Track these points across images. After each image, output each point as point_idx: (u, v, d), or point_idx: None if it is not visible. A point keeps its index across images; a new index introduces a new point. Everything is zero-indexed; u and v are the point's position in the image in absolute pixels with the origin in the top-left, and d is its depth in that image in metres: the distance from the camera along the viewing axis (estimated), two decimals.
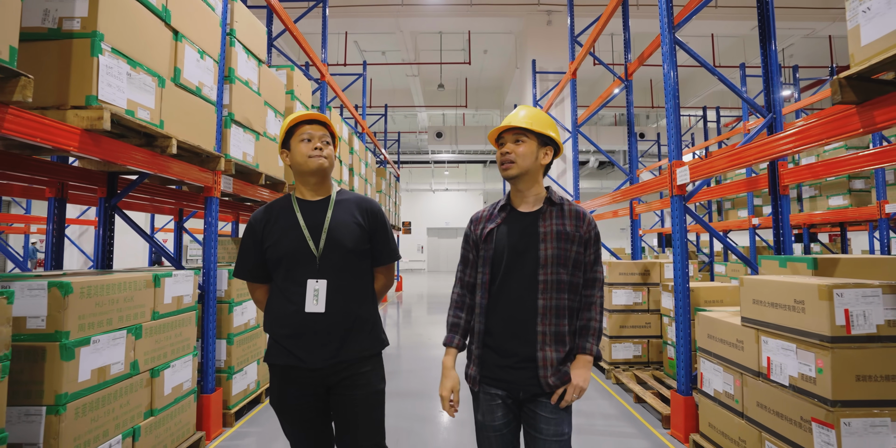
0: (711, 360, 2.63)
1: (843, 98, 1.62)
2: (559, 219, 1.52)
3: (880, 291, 1.81)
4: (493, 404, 1.49)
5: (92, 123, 1.94)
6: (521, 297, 1.47)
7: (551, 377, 1.44)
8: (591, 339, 1.50)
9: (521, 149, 1.51)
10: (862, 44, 1.56)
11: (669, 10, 3.11)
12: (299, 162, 1.61)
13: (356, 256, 1.62)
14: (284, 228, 1.60)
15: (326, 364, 1.53)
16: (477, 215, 1.63)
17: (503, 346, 1.48)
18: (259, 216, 1.65)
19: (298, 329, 1.53)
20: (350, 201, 1.68)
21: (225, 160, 3.06)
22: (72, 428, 1.84)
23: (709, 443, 2.62)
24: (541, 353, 1.45)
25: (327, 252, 1.57)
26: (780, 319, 2.07)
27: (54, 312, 1.83)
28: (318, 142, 1.61)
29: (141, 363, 2.29)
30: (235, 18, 3.28)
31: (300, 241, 1.57)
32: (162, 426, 2.43)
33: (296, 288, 1.55)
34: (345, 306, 1.56)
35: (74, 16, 1.99)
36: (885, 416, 1.77)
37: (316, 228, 1.59)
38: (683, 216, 2.99)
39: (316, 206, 1.65)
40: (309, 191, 1.67)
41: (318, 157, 1.60)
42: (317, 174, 1.62)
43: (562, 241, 1.49)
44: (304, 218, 1.61)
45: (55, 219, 3.10)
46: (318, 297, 1.54)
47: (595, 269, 1.55)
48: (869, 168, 2.60)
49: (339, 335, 1.55)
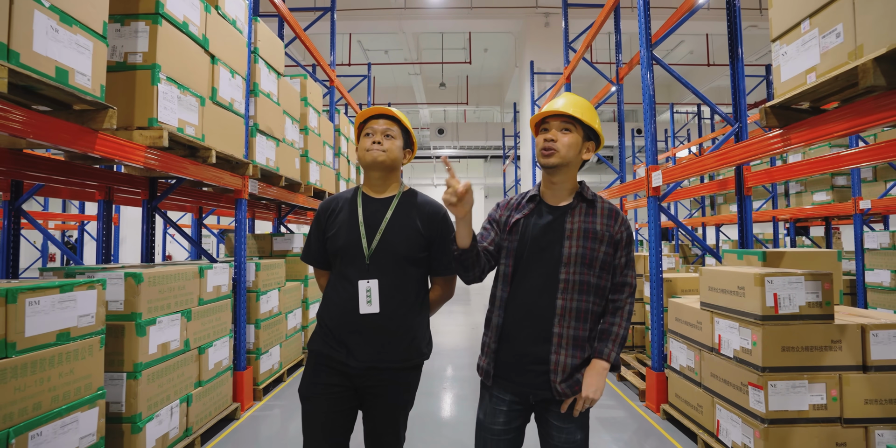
0: (678, 340, 3.04)
1: (767, 123, 2.01)
2: (589, 216, 1.44)
3: (803, 279, 2.21)
4: (498, 409, 1.44)
5: (154, 141, 2.34)
6: (541, 295, 1.41)
7: (562, 383, 1.36)
8: (610, 345, 1.40)
9: (567, 138, 1.42)
10: (782, 80, 1.94)
11: (647, 29, 3.48)
12: (359, 156, 1.60)
13: (409, 263, 1.55)
14: (344, 221, 1.57)
15: (363, 366, 1.49)
16: (504, 201, 1.58)
17: (518, 344, 1.42)
18: (326, 204, 1.65)
19: (346, 326, 1.51)
20: (416, 204, 1.61)
21: (252, 166, 3.46)
22: (145, 391, 2.27)
23: (675, 410, 3.04)
24: (554, 357, 1.37)
25: (378, 253, 1.52)
26: (728, 303, 2.48)
27: (130, 297, 2.25)
28: (378, 136, 1.56)
29: (191, 341, 2.71)
30: (258, 37, 3.67)
31: (355, 237, 1.54)
32: (207, 395, 2.86)
33: (347, 285, 1.52)
34: (397, 311, 1.51)
35: (137, 51, 2.38)
36: (803, 378, 2.18)
37: (372, 227, 1.55)
38: (658, 214, 3.39)
39: (378, 203, 1.60)
40: (373, 187, 1.63)
41: (373, 150, 1.55)
42: (374, 168, 1.58)
43: (589, 239, 1.41)
44: (364, 214, 1.57)
45: (104, 218, 3.51)
46: (370, 298, 1.49)
47: (626, 272, 1.45)
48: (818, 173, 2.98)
49: (383, 339, 1.50)
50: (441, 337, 6.00)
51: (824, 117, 1.81)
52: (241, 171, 3.37)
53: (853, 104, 1.67)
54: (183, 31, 2.57)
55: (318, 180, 5.11)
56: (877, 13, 1.47)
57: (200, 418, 2.78)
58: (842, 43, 1.61)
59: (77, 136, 1.91)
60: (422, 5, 9.31)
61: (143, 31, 2.36)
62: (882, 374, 2.17)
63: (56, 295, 1.76)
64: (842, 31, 1.61)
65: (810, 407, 2.18)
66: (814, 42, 1.74)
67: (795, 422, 2.18)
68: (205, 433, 2.89)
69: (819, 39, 1.72)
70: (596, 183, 20.10)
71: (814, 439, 2.18)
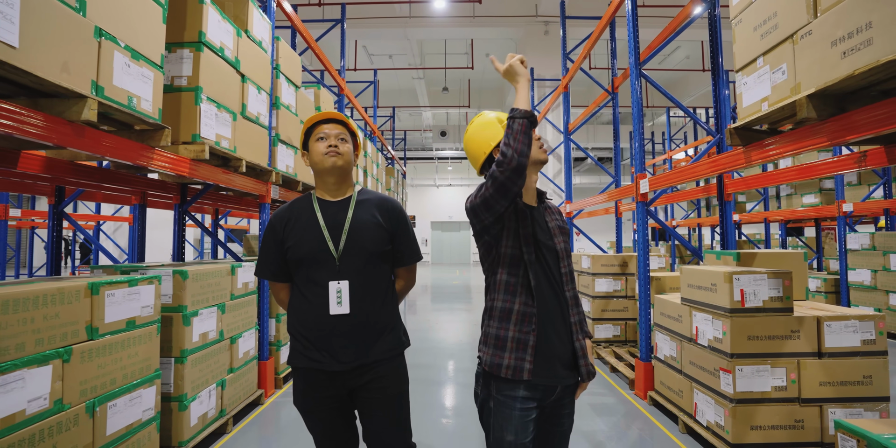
0: (663, 332, 3.35)
1: (732, 142, 2.33)
2: (553, 214, 1.57)
3: (766, 276, 2.53)
4: (528, 420, 1.37)
5: (197, 154, 2.66)
6: (556, 288, 1.45)
7: (584, 368, 1.43)
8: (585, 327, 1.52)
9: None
10: (743, 105, 2.26)
11: (636, 48, 3.80)
12: (315, 161, 1.59)
13: (377, 257, 1.58)
14: (304, 228, 1.56)
15: (349, 367, 1.50)
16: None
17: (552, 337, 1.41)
18: (280, 215, 1.62)
19: (322, 331, 1.51)
20: (371, 201, 1.65)
21: (274, 173, 3.78)
22: (189, 374, 2.59)
23: (660, 396, 3.36)
24: (578, 343, 1.44)
25: (347, 253, 1.54)
26: (703, 298, 2.80)
27: (177, 292, 2.57)
28: (333, 140, 1.58)
29: (225, 332, 3.03)
30: (280, 55, 3.99)
31: (320, 241, 1.54)
32: (238, 381, 3.18)
33: (318, 289, 1.52)
34: (368, 308, 1.54)
35: (182, 75, 2.69)
36: (766, 364, 2.49)
37: (336, 229, 1.56)
38: (645, 218, 3.70)
39: (336, 206, 1.61)
40: (328, 191, 1.63)
41: (332, 154, 1.56)
42: (333, 173, 1.59)
43: (563, 234, 1.54)
44: (325, 218, 1.57)
45: (139, 221, 3.83)
46: (341, 299, 1.50)
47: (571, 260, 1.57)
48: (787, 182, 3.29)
49: (362, 337, 1.53)
50: (442, 334, 6.32)
51: (774, 140, 2.13)
52: (265, 178, 3.69)
53: (793, 131, 1.99)
54: (220, 55, 2.89)
55: None
56: (810, 59, 1.79)
57: (232, 401, 3.10)
58: (786, 79, 1.93)
59: (139, 153, 2.23)
60: (427, 14, 9.63)
61: (187, 57, 2.68)
62: (834, 360, 2.49)
63: (126, 288, 2.09)
64: (786, 69, 1.93)
65: (772, 388, 2.50)
66: (766, 76, 2.06)
67: (760, 401, 2.50)
68: (236, 415, 3.20)
69: (770, 74, 2.03)
70: (595, 184, 20.41)
71: (775, 417, 2.49)
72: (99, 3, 1.86)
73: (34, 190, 3.69)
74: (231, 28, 3.04)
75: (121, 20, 1.99)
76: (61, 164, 2.70)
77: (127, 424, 2.06)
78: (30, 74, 1.56)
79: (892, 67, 1.48)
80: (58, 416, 1.70)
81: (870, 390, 2.47)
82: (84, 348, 1.83)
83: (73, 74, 1.74)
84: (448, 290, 11.51)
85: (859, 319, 2.51)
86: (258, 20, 3.51)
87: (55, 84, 1.66)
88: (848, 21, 1.61)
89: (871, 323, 2.50)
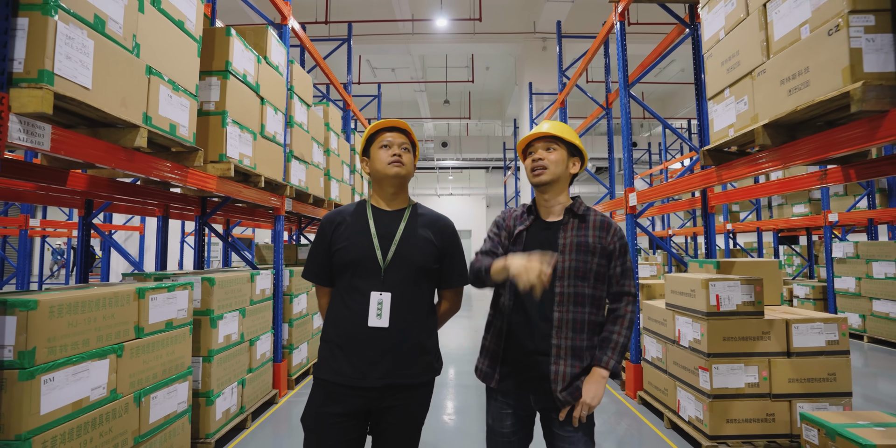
0: (650, 336, 3.60)
1: (705, 162, 2.61)
2: (581, 230, 1.50)
3: (739, 283, 2.79)
4: (504, 413, 1.50)
5: (223, 172, 2.94)
6: (540, 309, 1.46)
7: (562, 392, 1.40)
8: (609, 353, 1.43)
9: (553, 155, 1.52)
10: (714, 130, 2.54)
11: (625, 72, 4.09)
12: (378, 169, 1.56)
13: (423, 274, 1.53)
14: (354, 233, 1.53)
15: (378, 384, 1.43)
16: (508, 211, 1.66)
17: (520, 354, 1.47)
18: (331, 218, 1.60)
19: (356, 341, 1.45)
20: (426, 217, 1.62)
21: (289, 187, 4.06)
22: (216, 372, 2.84)
23: (648, 395, 3.60)
24: (554, 367, 1.42)
25: (394, 265, 1.49)
26: (684, 303, 3.05)
27: (206, 297, 2.83)
28: (397, 149, 1.56)
29: (245, 335, 3.28)
30: (294, 77, 4.29)
31: (368, 248, 1.50)
32: (256, 381, 3.43)
33: (359, 297, 1.47)
34: (407, 324, 1.47)
35: (211, 100, 2.98)
36: (740, 362, 2.74)
37: (386, 239, 1.52)
38: (634, 228, 3.97)
39: (390, 216, 1.58)
40: (385, 200, 1.60)
41: (396, 163, 1.54)
42: (394, 182, 1.56)
43: (581, 252, 1.46)
44: (377, 226, 1.54)
45: (162, 231, 4.10)
46: (381, 311, 1.45)
47: (623, 282, 1.49)
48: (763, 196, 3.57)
49: (396, 355, 1.45)
50: (444, 339, 6.56)
51: (739, 161, 2.41)
52: (280, 192, 3.97)
53: (753, 155, 2.28)
54: (243, 81, 3.18)
55: (338, 196, 5.71)
56: (765, 93, 2.07)
57: (251, 399, 3.35)
58: (747, 109, 2.21)
59: (176, 173, 2.51)
60: (428, 31, 9.99)
61: (215, 84, 2.97)
62: (802, 359, 2.74)
63: (166, 293, 2.35)
64: (747, 100, 2.21)
65: (746, 385, 2.75)
66: (732, 105, 2.34)
67: (734, 397, 2.75)
68: (254, 412, 3.44)
69: (735, 104, 2.32)
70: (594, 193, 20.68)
71: (749, 411, 2.74)
72: (149, 44, 2.15)
73: (67, 203, 3.97)
74: (252, 56, 3.34)
75: (165, 57, 2.28)
76: (101, 181, 2.97)
77: (165, 415, 2.31)
78: (98, 110, 1.84)
79: (826, 105, 1.76)
80: (112, 403, 1.96)
81: (834, 386, 2.72)
82: (133, 345, 2.09)
83: (129, 107, 2.02)
84: None
85: (824, 322, 2.76)
86: (275, 46, 3.81)
87: (116, 117, 1.94)
88: (792, 64, 1.90)
89: (835, 325, 2.75)
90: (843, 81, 1.63)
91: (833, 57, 1.68)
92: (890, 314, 5.71)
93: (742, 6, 2.25)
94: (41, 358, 1.63)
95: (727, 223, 9.53)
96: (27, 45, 1.58)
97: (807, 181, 2.87)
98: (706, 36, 2.61)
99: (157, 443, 2.24)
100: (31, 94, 1.55)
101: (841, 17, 1.65)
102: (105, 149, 1.96)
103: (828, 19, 1.72)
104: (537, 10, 9.69)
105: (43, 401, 1.62)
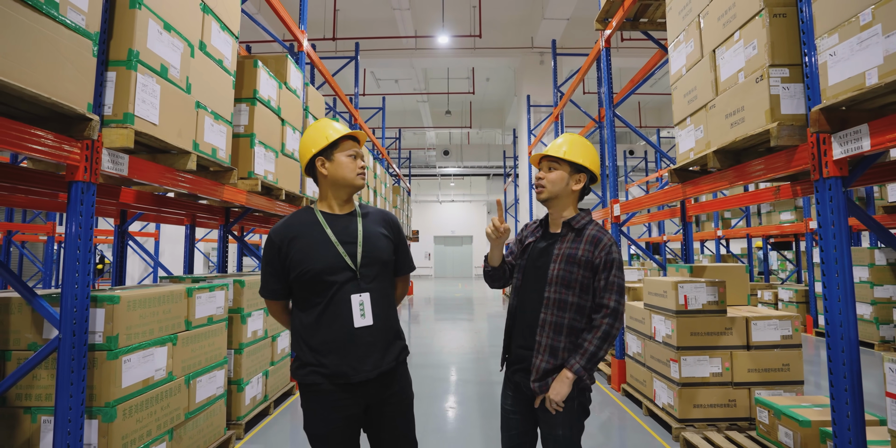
0: (632, 333, 3.98)
1: (671, 180, 3.01)
2: (574, 243, 1.62)
3: (704, 284, 3.17)
4: (507, 393, 1.74)
5: (251, 187, 3.34)
6: (533, 309, 1.63)
7: (535, 383, 1.58)
8: (577, 358, 1.54)
9: (553, 175, 1.65)
10: (679, 152, 2.94)
11: (610, 93, 4.50)
12: (347, 178, 1.59)
13: (388, 267, 1.64)
14: (314, 244, 1.54)
15: (373, 374, 1.51)
16: (527, 224, 1.86)
17: (515, 347, 1.69)
18: (279, 230, 1.58)
19: (343, 345, 1.49)
20: (374, 214, 1.69)
21: (305, 199, 4.46)
22: (245, 363, 3.24)
23: (630, 387, 3.98)
24: (534, 360, 1.59)
25: (365, 265, 1.56)
26: (658, 302, 3.44)
27: (237, 297, 3.23)
28: (362, 161, 1.64)
29: (269, 332, 3.68)
30: (309, 97, 4.71)
31: (335, 256, 1.53)
32: (277, 373, 3.82)
33: (338, 303, 1.51)
34: (384, 316, 1.58)
35: (241, 124, 3.39)
36: (705, 354, 3.12)
37: (349, 243, 1.56)
38: (619, 237, 4.36)
39: (344, 220, 1.61)
40: (338, 204, 1.64)
41: (362, 175, 1.63)
42: (355, 191, 1.65)
43: (569, 263, 1.59)
44: (334, 232, 1.57)
45: (189, 239, 4.51)
46: (364, 311, 1.52)
47: (604, 295, 1.57)
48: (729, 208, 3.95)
49: (381, 344, 1.55)
50: (444, 341, 6.94)
51: (701, 180, 2.81)
52: (297, 203, 4.38)
53: (708, 175, 2.68)
54: (267, 106, 3.60)
55: None
56: (715, 124, 2.47)
57: (273, 389, 3.74)
58: (703, 137, 2.61)
59: (214, 189, 2.92)
60: (431, 46, 10.46)
61: (244, 110, 3.39)
62: (759, 351, 3.12)
63: (207, 292, 2.75)
64: (703, 129, 2.61)
65: (710, 374, 3.13)
66: (692, 132, 2.74)
67: (700, 385, 3.12)
68: (275, 401, 3.83)
69: (694, 131, 2.72)
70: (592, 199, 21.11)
71: (713, 397, 3.11)
72: (197, 82, 2.56)
73: (103, 213, 4.38)
74: (275, 83, 3.76)
75: (209, 92, 2.69)
76: (145, 195, 3.39)
77: (207, 396, 2.70)
78: (162, 141, 2.25)
79: (757, 138, 2.16)
80: (169, 383, 2.35)
81: (788, 375, 3.10)
82: (184, 336, 2.49)
83: (183, 137, 2.43)
84: (451, 303, 12.11)
85: (780, 319, 3.14)
86: (293, 72, 4.23)
87: (173, 145, 2.35)
88: (733, 102, 2.30)
89: (789, 322, 3.14)
90: (766, 121, 2.03)
91: (759, 100, 2.08)
92: (864, 316, 6.07)
93: (698, 49, 2.66)
94: (122, 342, 2.03)
95: (717, 230, 9.91)
96: (115, 93, 1.99)
97: (765, 195, 3.26)
98: (672, 70, 3.01)
99: (202, 420, 2.63)
100: (118, 132, 1.96)
101: (764, 68, 2.06)
102: (165, 172, 2.37)
103: (756, 69, 2.12)
104: (535, 27, 10.15)
105: (123, 377, 2.02)
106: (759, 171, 2.23)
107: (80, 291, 1.81)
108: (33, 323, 1.99)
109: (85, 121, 1.82)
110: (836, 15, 1.70)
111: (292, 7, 9.24)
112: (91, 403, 1.94)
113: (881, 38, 1.52)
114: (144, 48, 2.08)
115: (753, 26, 2.14)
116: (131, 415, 2.05)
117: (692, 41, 2.72)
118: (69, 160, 1.78)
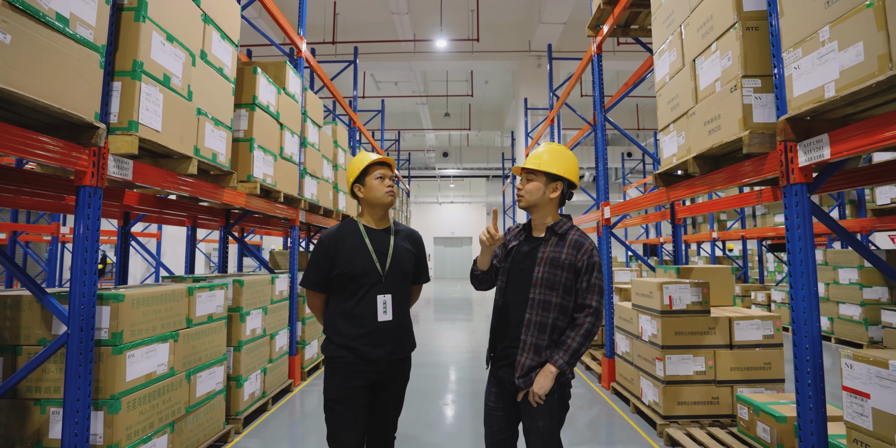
0: (621, 333, 4.08)
1: (656, 184, 3.11)
2: (558, 247, 1.72)
3: (689, 285, 3.28)
4: (490, 390, 1.83)
5: (251, 190, 3.45)
6: (518, 309, 1.72)
7: (519, 379, 1.68)
8: (561, 353, 1.64)
9: (530, 186, 1.77)
10: (663, 157, 3.04)
11: (601, 100, 4.61)
12: (377, 197, 1.93)
13: (408, 277, 1.98)
14: (354, 249, 1.89)
15: (385, 359, 1.86)
16: (510, 228, 1.95)
17: (501, 345, 1.78)
18: (332, 235, 1.92)
19: (371, 332, 1.84)
20: (404, 232, 2.04)
21: (303, 201, 4.57)
22: (244, 361, 3.34)
23: (619, 385, 4.08)
24: (519, 357, 1.69)
25: (391, 273, 1.91)
26: (645, 303, 3.54)
27: (236, 296, 3.33)
28: (389, 181, 1.95)
29: (267, 330, 3.78)
30: (307, 102, 4.82)
31: (369, 262, 1.88)
32: (275, 370, 3.93)
33: (367, 300, 1.86)
34: (401, 315, 1.92)
35: (240, 129, 3.50)
36: (688, 353, 3.22)
37: (381, 253, 1.91)
38: (609, 237, 4.47)
39: (380, 234, 1.96)
40: (375, 221, 1.98)
41: (390, 194, 1.94)
42: (386, 208, 1.96)
43: (553, 266, 1.69)
44: (372, 243, 1.92)
45: (190, 240, 4.62)
46: (386, 309, 1.87)
47: (586, 296, 1.68)
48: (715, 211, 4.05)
49: (397, 337, 1.90)
50: (443, 340, 7.04)
51: (681, 184, 2.91)
52: (296, 205, 4.49)
53: (689, 180, 2.78)
54: (266, 111, 3.71)
55: (345, 207, 6.23)
56: (694, 131, 2.57)
57: (271, 386, 3.84)
58: (685, 143, 2.72)
59: (215, 192, 3.02)
60: (429, 50, 10.58)
61: (244, 115, 3.50)
62: (741, 350, 3.22)
63: (208, 292, 2.86)
64: (685, 135, 2.72)
65: (694, 373, 3.23)
66: (674, 138, 2.85)
67: (684, 383, 3.22)
68: (273, 398, 3.93)
69: (677, 137, 2.82)
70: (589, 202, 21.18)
71: (697, 395, 3.21)
72: (198, 90, 2.67)
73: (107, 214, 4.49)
74: (274, 89, 3.87)
75: (209, 99, 2.80)
76: (148, 197, 3.49)
77: (207, 391, 2.80)
78: (165, 147, 2.35)
79: (732, 145, 2.26)
80: (171, 378, 2.46)
81: (769, 373, 3.20)
82: (185, 333, 2.60)
83: (185, 143, 2.54)
84: (450, 303, 12.21)
85: (762, 319, 3.24)
86: (292, 78, 4.34)
87: (175, 151, 2.45)
88: (710, 110, 2.40)
89: (771, 322, 3.24)
90: (739, 128, 2.14)
91: (733, 109, 2.19)
92: (854, 317, 6.17)
93: (680, 58, 2.76)
94: (126, 338, 2.14)
95: (712, 232, 10.01)
96: (120, 102, 2.10)
97: (748, 199, 3.36)
98: (657, 77, 3.12)
99: (202, 414, 2.74)
100: (123, 139, 2.07)
101: (738, 79, 2.16)
102: (167, 176, 2.48)
103: (731, 79, 2.23)
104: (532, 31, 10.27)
105: (128, 371, 2.13)
106: (733, 176, 2.33)
107: (88, 289, 1.92)
108: (42, 319, 2.10)
109: (92, 129, 1.93)
110: (801, 30, 1.80)
111: (292, 11, 9.35)
112: (97, 396, 2.05)
113: (837, 54, 1.62)
114: (148, 59, 2.19)
115: (728, 38, 2.25)
116: (135, 407, 2.16)
117: (675, 50, 2.82)
118: (78, 166, 1.89)
